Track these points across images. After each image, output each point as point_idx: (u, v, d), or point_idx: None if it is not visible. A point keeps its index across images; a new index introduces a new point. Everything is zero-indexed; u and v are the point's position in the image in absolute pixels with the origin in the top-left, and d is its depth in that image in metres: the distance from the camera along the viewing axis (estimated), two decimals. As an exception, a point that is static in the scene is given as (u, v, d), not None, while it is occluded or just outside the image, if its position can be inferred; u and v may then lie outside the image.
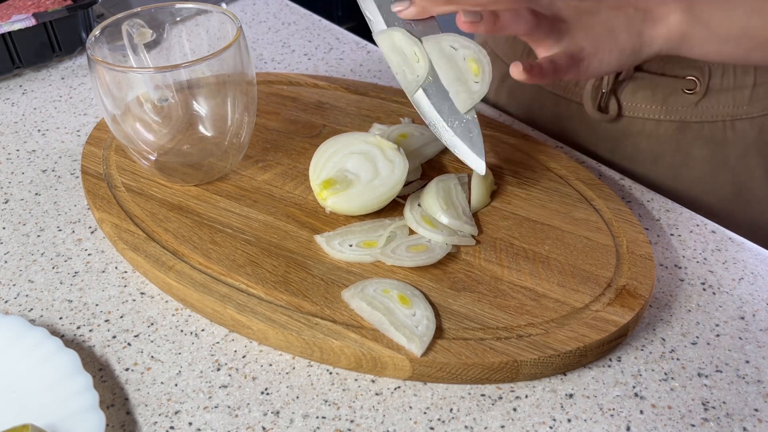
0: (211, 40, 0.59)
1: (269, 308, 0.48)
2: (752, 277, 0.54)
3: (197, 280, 0.50)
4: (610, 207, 0.57)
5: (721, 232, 0.59)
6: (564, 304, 0.49)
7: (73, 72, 0.80)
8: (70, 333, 0.50)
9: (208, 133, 0.59)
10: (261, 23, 0.92)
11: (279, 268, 0.51)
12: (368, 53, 0.84)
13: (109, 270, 0.55)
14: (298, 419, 0.44)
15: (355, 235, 0.53)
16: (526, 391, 0.46)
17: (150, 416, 0.44)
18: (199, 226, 0.55)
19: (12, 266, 0.55)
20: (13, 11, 0.78)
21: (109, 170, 0.60)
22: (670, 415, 0.45)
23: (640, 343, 0.49)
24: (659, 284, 0.54)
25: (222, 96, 0.57)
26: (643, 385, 0.47)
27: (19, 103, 0.75)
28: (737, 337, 0.50)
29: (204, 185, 0.59)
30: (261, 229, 0.55)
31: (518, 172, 0.61)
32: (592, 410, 0.45)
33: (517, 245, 0.54)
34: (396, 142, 0.60)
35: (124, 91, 0.54)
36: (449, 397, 0.46)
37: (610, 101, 0.68)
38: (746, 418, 0.45)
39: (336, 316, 0.48)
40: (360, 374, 0.47)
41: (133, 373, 0.47)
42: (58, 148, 0.68)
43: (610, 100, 0.68)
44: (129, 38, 0.58)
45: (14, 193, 0.63)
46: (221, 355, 0.48)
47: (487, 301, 0.49)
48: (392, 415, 0.45)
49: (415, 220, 0.54)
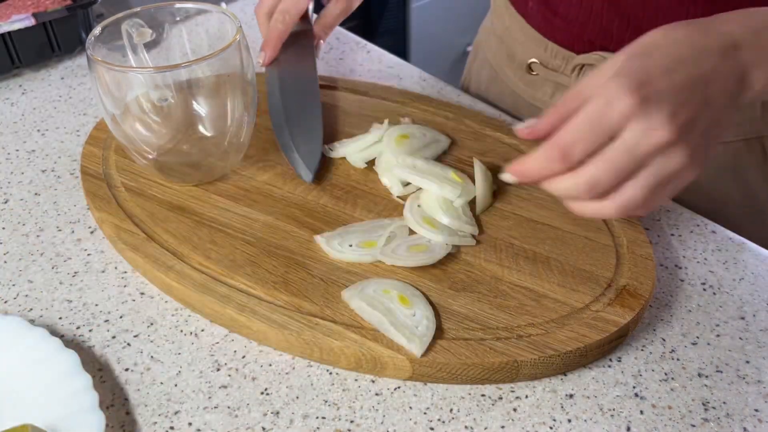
0: (210, 40, 0.59)
1: (269, 308, 0.48)
2: (752, 277, 0.54)
3: (197, 281, 0.50)
4: (610, 207, 0.57)
5: (721, 232, 0.59)
6: (564, 304, 0.49)
7: (73, 72, 0.80)
8: (70, 333, 0.50)
9: (207, 133, 0.59)
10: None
11: (279, 269, 0.51)
12: (368, 53, 0.84)
13: (108, 270, 0.55)
14: (297, 419, 0.44)
15: (355, 235, 0.53)
16: (526, 391, 0.46)
17: (150, 416, 0.44)
18: (198, 226, 0.55)
19: (11, 266, 0.55)
20: (13, 11, 0.78)
21: (108, 170, 0.60)
22: (671, 415, 0.45)
23: (640, 343, 0.49)
24: (659, 284, 0.54)
25: (222, 96, 0.57)
26: (644, 385, 0.47)
27: (18, 103, 0.75)
28: (737, 338, 0.50)
29: (204, 185, 0.59)
30: (261, 230, 0.55)
31: (518, 172, 0.61)
32: (592, 410, 0.45)
33: (518, 245, 0.54)
34: (396, 142, 0.60)
35: (123, 90, 0.54)
36: (449, 398, 0.46)
37: None
38: (746, 418, 0.45)
39: (336, 317, 0.48)
40: (360, 374, 0.47)
41: (133, 373, 0.47)
42: (57, 148, 0.68)
43: None
44: (129, 38, 0.58)
45: (14, 193, 0.62)
46: (221, 355, 0.48)
47: (487, 301, 0.49)
48: (392, 416, 0.44)
49: (415, 221, 0.54)
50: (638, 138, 0.40)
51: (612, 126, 0.40)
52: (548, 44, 0.68)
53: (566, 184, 0.42)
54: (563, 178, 0.42)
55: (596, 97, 0.40)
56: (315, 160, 0.59)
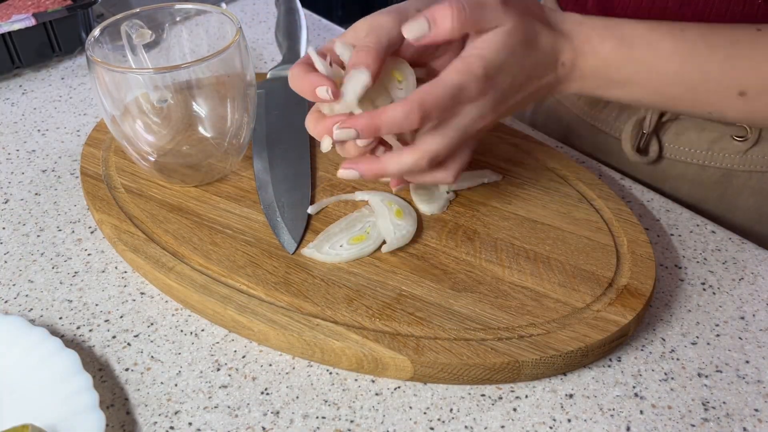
0: (210, 41, 0.59)
1: (270, 309, 0.48)
2: (752, 277, 0.54)
3: (197, 282, 0.50)
4: (610, 207, 0.57)
5: (721, 232, 0.59)
6: (565, 304, 0.49)
7: (73, 72, 0.80)
8: (70, 333, 0.50)
9: (207, 134, 0.59)
10: (261, 23, 0.92)
11: (279, 269, 0.51)
12: (368, 53, 0.84)
13: (108, 270, 0.55)
14: (298, 419, 0.44)
15: (339, 236, 0.53)
16: (526, 391, 0.46)
17: (150, 416, 0.44)
18: (199, 227, 0.55)
19: (12, 266, 0.55)
20: (13, 11, 0.78)
21: (108, 171, 0.60)
22: (670, 415, 0.45)
23: (640, 343, 0.49)
24: (659, 284, 0.54)
25: (221, 97, 0.57)
26: (643, 385, 0.47)
27: (18, 103, 0.75)
28: (737, 337, 0.50)
29: (204, 186, 0.59)
30: (261, 230, 0.55)
31: (518, 172, 0.61)
32: (592, 410, 0.45)
33: (518, 245, 0.54)
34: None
35: (123, 91, 0.54)
36: (449, 397, 0.46)
37: (651, 142, 0.64)
38: (746, 418, 0.45)
39: (337, 317, 0.48)
40: (360, 374, 0.47)
41: (133, 373, 0.47)
42: (57, 148, 0.68)
43: (651, 141, 0.64)
44: (128, 39, 0.58)
45: (14, 193, 0.63)
46: (221, 355, 0.48)
47: (488, 302, 0.49)
48: (392, 415, 0.45)
49: (384, 206, 0.55)
50: (473, 120, 0.47)
51: (463, 102, 0.46)
52: None
53: (408, 159, 0.47)
54: (404, 153, 0.47)
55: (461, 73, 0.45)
56: (300, 227, 0.55)
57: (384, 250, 0.52)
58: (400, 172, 0.48)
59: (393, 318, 0.47)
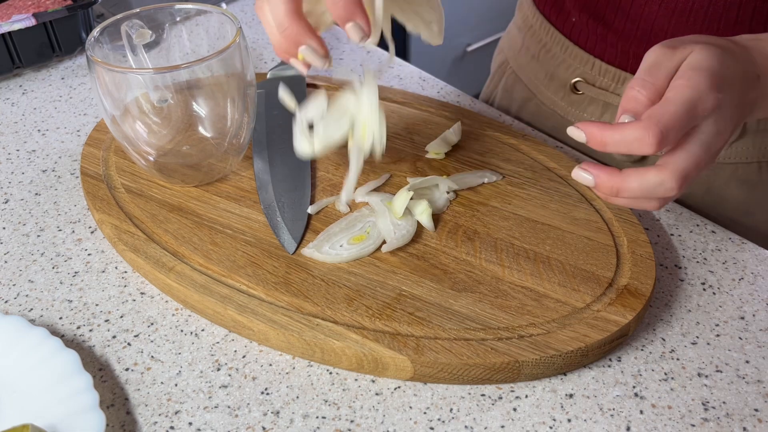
0: (210, 41, 0.59)
1: (270, 309, 0.48)
2: (752, 277, 0.55)
3: (198, 282, 0.50)
4: (610, 207, 0.57)
5: (721, 232, 0.59)
6: (565, 304, 0.49)
7: (73, 72, 0.80)
8: (70, 333, 0.50)
9: (207, 134, 0.59)
10: (261, 23, 0.92)
11: (280, 269, 0.51)
12: (368, 53, 0.84)
13: (109, 270, 0.55)
14: (298, 419, 0.44)
15: (339, 236, 0.53)
16: (526, 391, 0.46)
17: (150, 416, 0.44)
18: (199, 227, 0.55)
19: (12, 266, 0.55)
20: (13, 11, 0.78)
21: (108, 171, 0.60)
22: (670, 415, 0.45)
23: (640, 343, 0.49)
24: (659, 284, 0.54)
25: (221, 97, 0.57)
26: (643, 385, 0.47)
27: (19, 103, 0.75)
28: (737, 337, 0.50)
29: (204, 186, 0.59)
30: (261, 230, 0.55)
31: (518, 172, 0.61)
32: (592, 410, 0.45)
33: (518, 245, 0.54)
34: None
35: (123, 91, 0.54)
36: (449, 397, 0.46)
37: None
38: (746, 418, 0.45)
39: (337, 317, 0.48)
40: (360, 374, 0.47)
41: (133, 373, 0.47)
42: (58, 148, 0.68)
43: None
44: (128, 39, 0.58)
45: (14, 193, 0.63)
46: (221, 355, 0.48)
47: (488, 302, 0.49)
48: (392, 415, 0.45)
49: (382, 204, 0.56)
50: (713, 136, 0.42)
51: (698, 118, 0.41)
52: (595, 62, 0.66)
53: (654, 178, 0.42)
54: (650, 171, 0.42)
55: (689, 88, 0.41)
56: (300, 227, 0.54)
57: (384, 249, 0.52)
58: (640, 192, 0.42)
59: (393, 318, 0.47)
